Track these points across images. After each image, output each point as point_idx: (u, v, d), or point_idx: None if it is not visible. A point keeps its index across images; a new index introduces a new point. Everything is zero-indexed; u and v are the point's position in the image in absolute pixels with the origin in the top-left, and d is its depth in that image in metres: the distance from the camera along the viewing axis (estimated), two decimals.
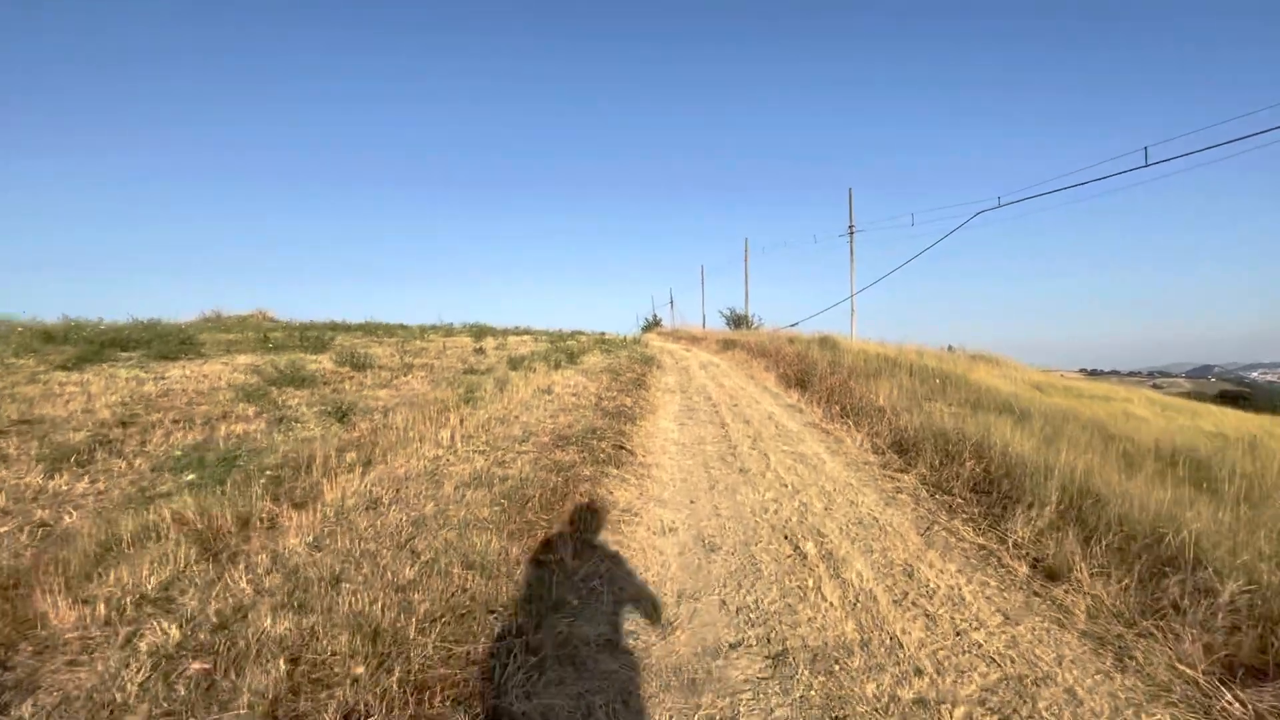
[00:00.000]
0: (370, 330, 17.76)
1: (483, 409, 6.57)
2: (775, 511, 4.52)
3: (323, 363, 8.88)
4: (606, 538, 3.67)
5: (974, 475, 5.18)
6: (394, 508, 3.52)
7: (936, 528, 4.38)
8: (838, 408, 9.01)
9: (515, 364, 10.67)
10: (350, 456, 4.35)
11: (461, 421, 5.81)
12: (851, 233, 26.34)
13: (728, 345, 22.50)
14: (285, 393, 6.66)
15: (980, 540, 4.11)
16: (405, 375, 8.96)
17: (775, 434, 7.42)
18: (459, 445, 4.97)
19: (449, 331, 20.88)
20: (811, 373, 12.11)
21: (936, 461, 5.76)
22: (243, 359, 8.56)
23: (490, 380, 9.02)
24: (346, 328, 18.45)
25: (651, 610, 2.95)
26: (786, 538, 4.03)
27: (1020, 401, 9.56)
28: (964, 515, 4.55)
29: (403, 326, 21.08)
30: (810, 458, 6.28)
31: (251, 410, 5.57)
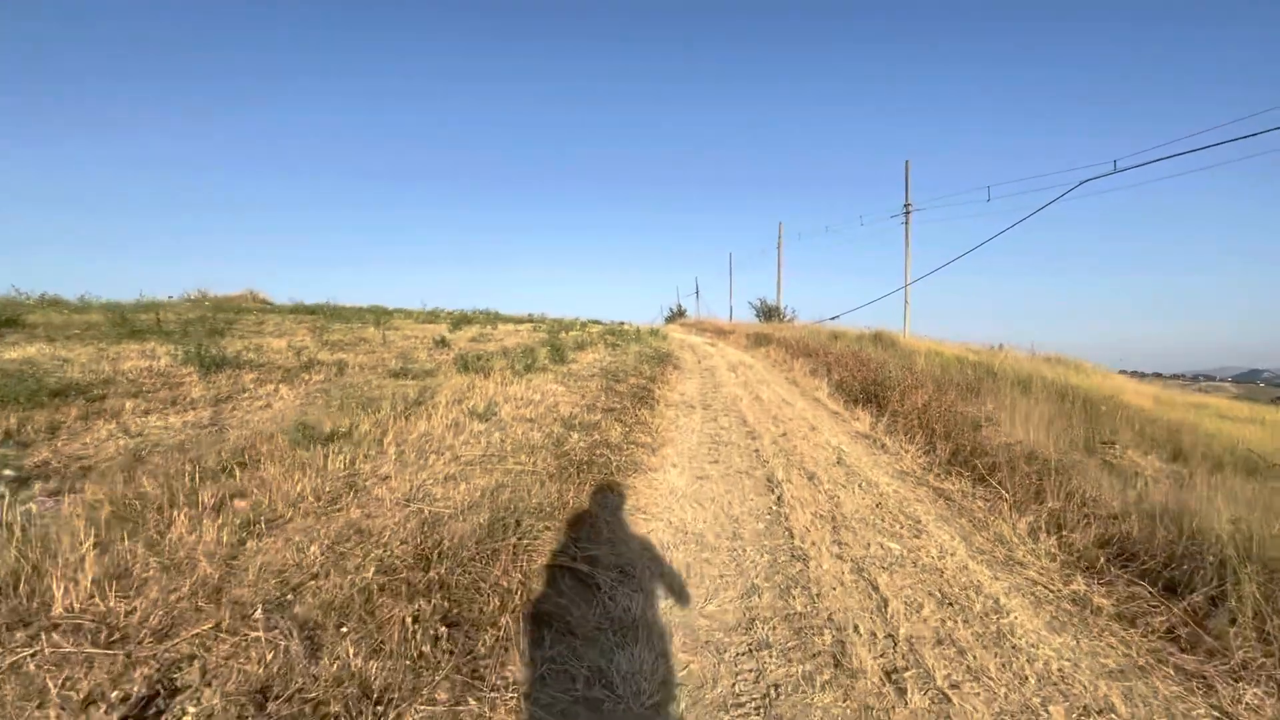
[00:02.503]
0: (333, 314, 14.89)
1: (320, 464, 3.44)
2: None
3: (159, 360, 5.88)
4: None
5: None
6: None
7: None
8: (946, 447, 5.70)
9: (470, 364, 7.56)
10: None
11: (213, 510, 2.69)
12: (908, 212, 22.66)
13: (760, 340, 19.15)
14: None
15: None
16: (289, 382, 5.91)
17: (866, 508, 4.16)
18: (42, 647, 1.86)
19: (432, 317, 17.95)
20: (882, 383, 8.74)
21: None
22: (29, 351, 5.60)
23: (412, 390, 5.94)
24: (310, 310, 15.63)
25: None
26: None
27: (1235, 444, 6.10)
28: None
29: (381, 310, 18.24)
30: (963, 588, 3.02)
31: None
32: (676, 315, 48.52)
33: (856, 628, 2.57)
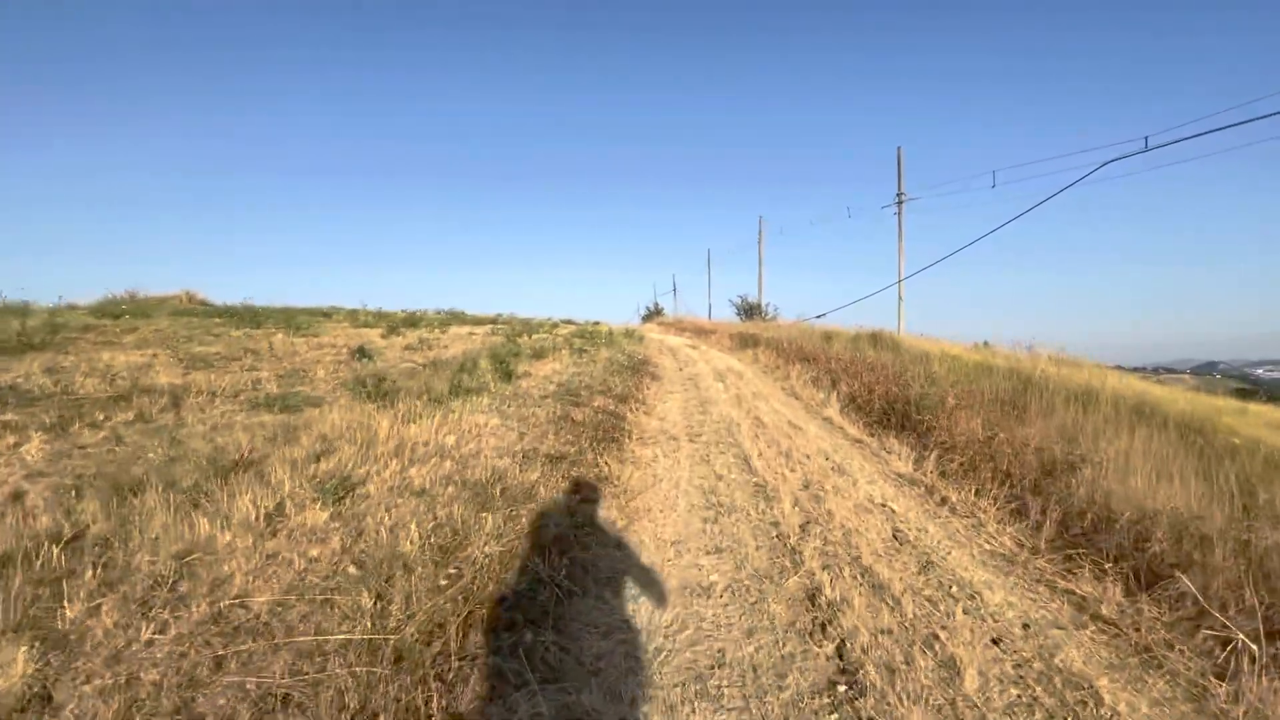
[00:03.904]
0: (249, 317, 12.61)
1: None
2: None
3: None
4: None
5: None
6: None
7: None
8: (1047, 510, 3.88)
9: (371, 388, 5.53)
10: None
11: None
12: (900, 202, 21.09)
13: (746, 342, 17.32)
14: None
15: None
16: (59, 430, 3.85)
17: (988, 660, 2.28)
18: None
19: (377, 319, 15.72)
20: (914, 399, 6.95)
21: None
22: None
23: (262, 435, 3.92)
24: (220, 313, 13.29)
25: None
26: None
27: None
28: None
29: (315, 312, 15.97)
30: None
31: None
32: (654, 314, 46.63)
33: None
